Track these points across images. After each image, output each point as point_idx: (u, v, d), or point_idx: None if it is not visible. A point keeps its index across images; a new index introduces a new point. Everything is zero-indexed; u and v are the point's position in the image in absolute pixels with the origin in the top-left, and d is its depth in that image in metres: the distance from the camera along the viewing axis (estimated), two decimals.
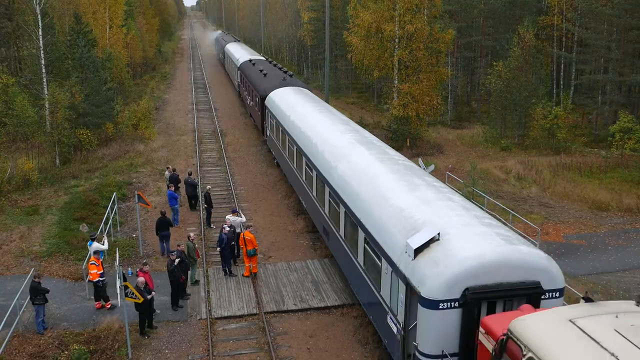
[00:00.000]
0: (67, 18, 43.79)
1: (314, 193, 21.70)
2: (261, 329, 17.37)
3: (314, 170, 21.44)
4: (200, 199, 26.75)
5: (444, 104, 44.07)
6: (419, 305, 11.87)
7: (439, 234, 12.38)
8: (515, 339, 9.13)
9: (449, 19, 46.73)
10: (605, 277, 20.53)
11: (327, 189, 19.43)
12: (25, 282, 18.08)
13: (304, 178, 23.58)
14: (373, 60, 38.28)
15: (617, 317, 8.98)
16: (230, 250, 20.66)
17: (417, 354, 12.09)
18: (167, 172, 28.10)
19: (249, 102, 43.27)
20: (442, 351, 11.72)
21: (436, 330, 11.76)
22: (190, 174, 27.51)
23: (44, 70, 35.03)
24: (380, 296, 14.13)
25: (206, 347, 16.47)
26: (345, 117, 26.79)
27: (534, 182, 30.69)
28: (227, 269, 20.60)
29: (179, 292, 18.56)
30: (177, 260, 18.36)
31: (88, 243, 19.77)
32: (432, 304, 11.60)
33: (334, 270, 20.84)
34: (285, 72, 39.92)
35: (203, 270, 21.01)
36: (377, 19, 36.84)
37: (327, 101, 36.84)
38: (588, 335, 8.49)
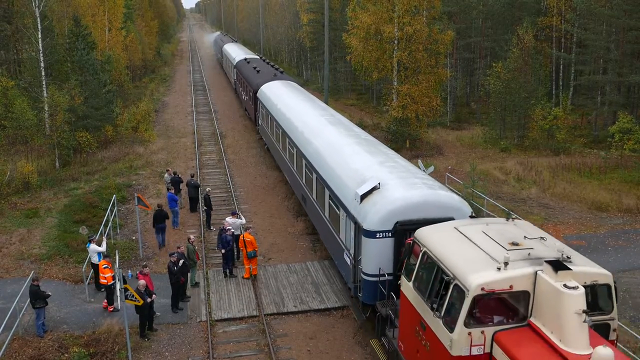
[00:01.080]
0: (67, 21, 43.83)
1: (295, 167, 25.32)
2: (261, 331, 17.37)
3: (294, 148, 25.08)
4: (200, 201, 26.77)
5: (443, 105, 44.10)
6: (362, 237, 15.67)
7: (379, 184, 16.33)
8: (418, 242, 12.89)
9: (448, 21, 46.78)
10: None
11: (304, 162, 23.14)
12: (25, 285, 18.08)
13: (287, 156, 27.16)
14: (372, 61, 38.30)
15: (487, 225, 12.71)
16: (231, 252, 20.74)
17: (362, 275, 16.01)
18: (166, 175, 28.11)
19: (244, 97, 47.29)
20: (379, 269, 15.49)
21: (374, 255, 15.56)
22: (192, 176, 27.55)
23: (43, 73, 35.07)
24: (340, 238, 18.15)
25: (206, 350, 16.47)
26: (323, 104, 31.01)
27: (534, 183, 30.69)
28: (227, 271, 20.62)
29: (179, 295, 18.57)
30: (181, 262, 18.40)
31: (87, 245, 19.81)
32: (371, 234, 15.42)
33: (334, 272, 20.84)
34: (276, 69, 44.35)
35: (203, 272, 21.01)
36: (376, 20, 36.87)
37: (326, 103, 36.87)
38: (462, 234, 12.30)
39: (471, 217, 15.11)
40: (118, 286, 15.73)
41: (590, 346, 9.65)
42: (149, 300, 16.82)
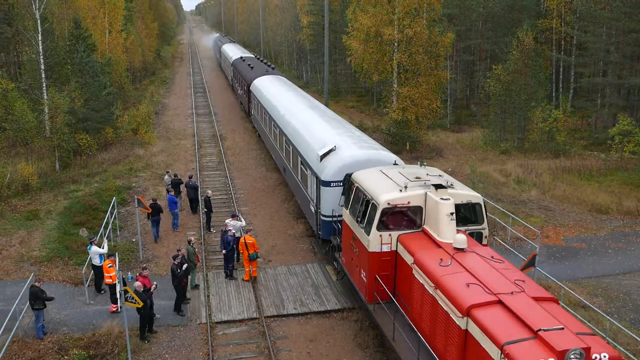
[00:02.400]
0: (67, 23, 43.86)
1: (278, 145, 30.07)
2: (261, 333, 17.37)
3: (278, 128, 29.81)
4: (200, 204, 26.77)
5: (443, 107, 44.14)
6: (321, 186, 20.43)
7: (335, 146, 21.25)
8: (352, 180, 17.59)
9: (448, 23, 46.85)
10: (606, 280, 20.54)
11: (284, 139, 27.81)
12: (25, 287, 18.08)
13: (272, 137, 31.99)
14: (372, 63, 38.33)
15: (403, 168, 17.74)
16: (231, 253, 20.78)
17: (321, 217, 20.73)
18: (166, 177, 28.12)
19: (239, 92, 52.39)
20: (333, 211, 20.14)
21: (329, 200, 20.21)
22: (190, 177, 27.56)
23: (43, 75, 35.08)
24: (307, 193, 22.87)
25: (206, 352, 16.47)
26: (305, 93, 36.21)
27: (534, 185, 30.70)
28: (228, 271, 20.64)
29: (183, 297, 18.58)
30: (184, 266, 18.43)
31: (88, 247, 19.82)
32: (327, 184, 20.20)
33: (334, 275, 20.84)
34: (268, 66, 48.99)
35: (203, 274, 21.01)
36: (376, 22, 36.91)
37: (326, 105, 36.91)
38: (383, 173, 17.01)
39: (394, 164, 19.64)
40: (118, 288, 15.73)
41: (460, 242, 13.89)
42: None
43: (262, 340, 17.01)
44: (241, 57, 57.50)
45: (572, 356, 9.68)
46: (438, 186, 15.12)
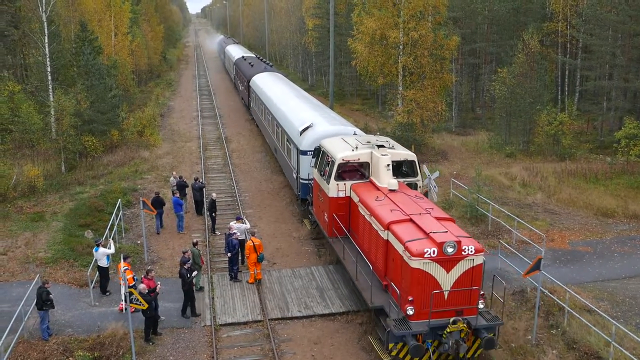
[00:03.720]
0: (73, 26, 44.07)
1: (270, 129, 34.75)
2: (265, 335, 17.37)
3: (270, 115, 34.48)
4: (205, 206, 26.79)
5: (448, 110, 44.06)
6: (300, 155, 24.90)
7: (312, 123, 25.87)
8: (320, 146, 22.21)
9: (453, 26, 46.80)
10: (612, 284, 20.44)
11: (275, 123, 32.49)
12: (31, 288, 18.12)
13: (267, 123, 36.66)
14: (377, 67, 38.31)
15: (360, 136, 22.66)
16: (236, 256, 20.79)
17: (300, 181, 25.14)
18: (172, 178, 28.15)
19: (240, 88, 57.08)
20: (308, 175, 24.28)
21: (306, 166, 24.45)
22: (196, 180, 27.61)
23: (49, 78, 35.23)
24: (291, 164, 27.51)
25: (210, 354, 16.47)
26: (295, 86, 41.53)
27: (539, 189, 30.61)
28: (232, 274, 20.65)
29: (193, 301, 18.55)
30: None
31: (94, 249, 19.84)
32: (304, 153, 24.49)
33: (338, 277, 20.83)
34: (267, 64, 53.71)
35: (207, 276, 21.02)
36: (382, 25, 36.90)
37: (331, 108, 37.04)
38: (343, 140, 21.63)
39: (354, 134, 23.90)
40: (123, 290, 15.75)
41: (393, 184, 18.73)
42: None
43: (266, 342, 17.01)
44: (243, 57, 62.51)
45: (448, 246, 14.68)
46: (380, 146, 20.22)
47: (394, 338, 14.86)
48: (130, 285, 17.88)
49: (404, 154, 20.36)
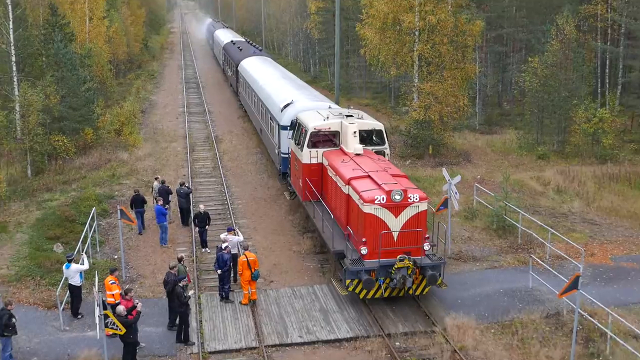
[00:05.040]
0: (42, 9, 44.15)
1: (256, 111, 39.43)
2: None
3: (257, 97, 38.83)
4: (192, 218, 26.70)
5: (471, 105, 43.94)
6: (280, 130, 29.56)
7: (292, 100, 30.52)
8: (296, 118, 26.66)
9: (476, 9, 46.73)
10: None
11: (260, 103, 36.98)
12: None
13: (253, 106, 41.45)
14: (390, 56, 38.29)
15: (333, 109, 27.97)
16: (229, 273, 20.73)
17: (281, 155, 29.69)
18: (155, 183, 28.09)
19: (229, 73, 61.53)
20: (288, 149, 28.45)
21: (286, 141, 28.64)
22: (182, 184, 27.55)
23: (14, 69, 35.32)
24: (273, 141, 32.02)
25: None
26: (283, 69, 47.48)
27: (576, 196, 30.49)
28: (224, 293, 20.59)
29: (188, 325, 18.54)
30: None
31: (65, 266, 19.75)
32: (284, 127, 28.94)
33: (346, 297, 20.73)
34: (256, 48, 60.02)
35: (195, 296, 20.94)
36: (394, 8, 36.90)
37: (337, 103, 36.94)
38: (318, 112, 26.21)
39: (329, 107, 28.31)
40: (97, 312, 15.66)
41: (358, 149, 23.36)
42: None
43: None
44: (232, 41, 66.31)
45: (395, 194, 19.32)
46: (349, 116, 25.15)
47: (350, 274, 19.52)
48: (114, 303, 17.86)
49: (372, 123, 25.63)
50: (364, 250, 19.61)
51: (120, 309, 16.62)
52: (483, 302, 20.53)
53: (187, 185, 28.59)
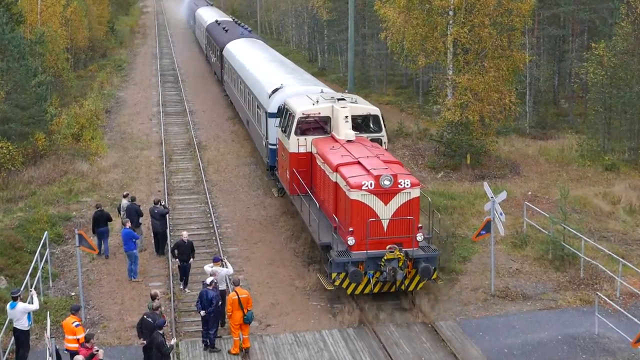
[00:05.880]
0: None
1: (243, 99, 42.55)
2: None
3: (243, 84, 41.98)
4: (169, 245, 26.71)
5: (520, 103, 43.90)
6: (268, 119, 32.09)
7: (282, 85, 33.02)
8: (284, 104, 29.62)
9: None
10: None
11: (247, 91, 39.95)
12: None
13: (239, 95, 44.59)
14: (417, 41, 38.30)
15: (325, 92, 30.99)
16: (215, 314, 20.64)
17: (269, 145, 32.19)
18: (124, 201, 28.09)
19: (213, 59, 65.00)
20: (276, 139, 30.54)
21: (274, 130, 30.89)
22: (157, 203, 27.52)
23: None
24: (260, 132, 34.81)
25: None
26: (275, 52, 50.91)
27: None
28: (208, 341, 20.55)
29: None
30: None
31: (9, 305, 19.72)
32: (273, 115, 31.12)
33: (362, 345, 20.68)
34: (245, 29, 63.27)
35: (172, 344, 20.89)
36: None
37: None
38: (308, 97, 29.31)
39: (321, 91, 30.97)
40: None
41: (350, 135, 25.79)
42: (99, 353, 16.90)
43: None
44: (216, 21, 69.22)
45: (384, 179, 21.72)
46: (341, 99, 27.92)
47: (336, 267, 21.69)
48: (72, 352, 17.80)
49: (367, 108, 28.43)
50: (350, 241, 21.87)
51: (78, 358, 16.58)
52: (536, 353, 20.39)
53: (162, 203, 28.60)
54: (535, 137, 45.73)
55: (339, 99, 27.93)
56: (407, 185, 21.92)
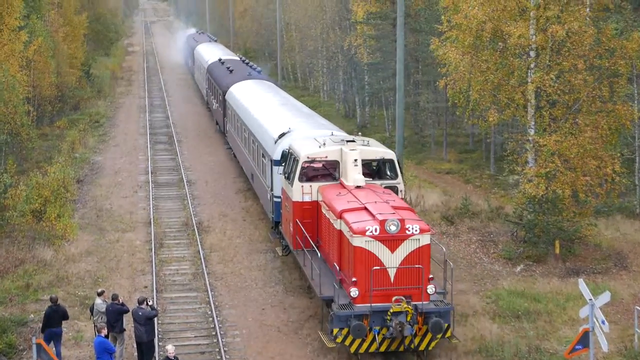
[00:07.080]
0: None
1: (247, 149, 47.12)
2: None
3: (247, 131, 46.55)
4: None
5: (627, 173, 43.76)
6: (273, 167, 36.85)
7: (289, 129, 38.13)
8: (288, 148, 34.33)
9: (631, 14, 47.07)
10: None
11: (252, 139, 44.40)
12: None
13: (243, 144, 49.30)
14: (487, 90, 38.48)
15: (333, 135, 35.44)
16: None
17: (273, 199, 36.88)
18: (98, 300, 28.10)
19: (214, 106, 69.61)
20: (282, 188, 34.36)
21: (279, 180, 35.53)
22: (142, 303, 27.43)
23: None
24: (265, 184, 39.06)
25: None
26: (288, 95, 56.28)
27: None
28: None
29: None
30: None
31: None
32: (278, 163, 35.56)
33: None
34: (253, 69, 68.32)
35: None
36: (495, 14, 37.31)
37: (400, 169, 37.16)
38: (315, 139, 33.64)
39: (331, 134, 34.90)
40: None
41: (359, 180, 29.64)
42: None
43: None
44: (219, 60, 74.13)
45: (390, 224, 24.82)
46: (348, 141, 31.20)
47: (338, 322, 24.76)
48: None
49: (381, 151, 32.35)
50: (354, 293, 25.15)
51: None
52: None
53: (149, 303, 28.55)
54: None
55: (348, 141, 31.35)
56: (416, 231, 25.14)
